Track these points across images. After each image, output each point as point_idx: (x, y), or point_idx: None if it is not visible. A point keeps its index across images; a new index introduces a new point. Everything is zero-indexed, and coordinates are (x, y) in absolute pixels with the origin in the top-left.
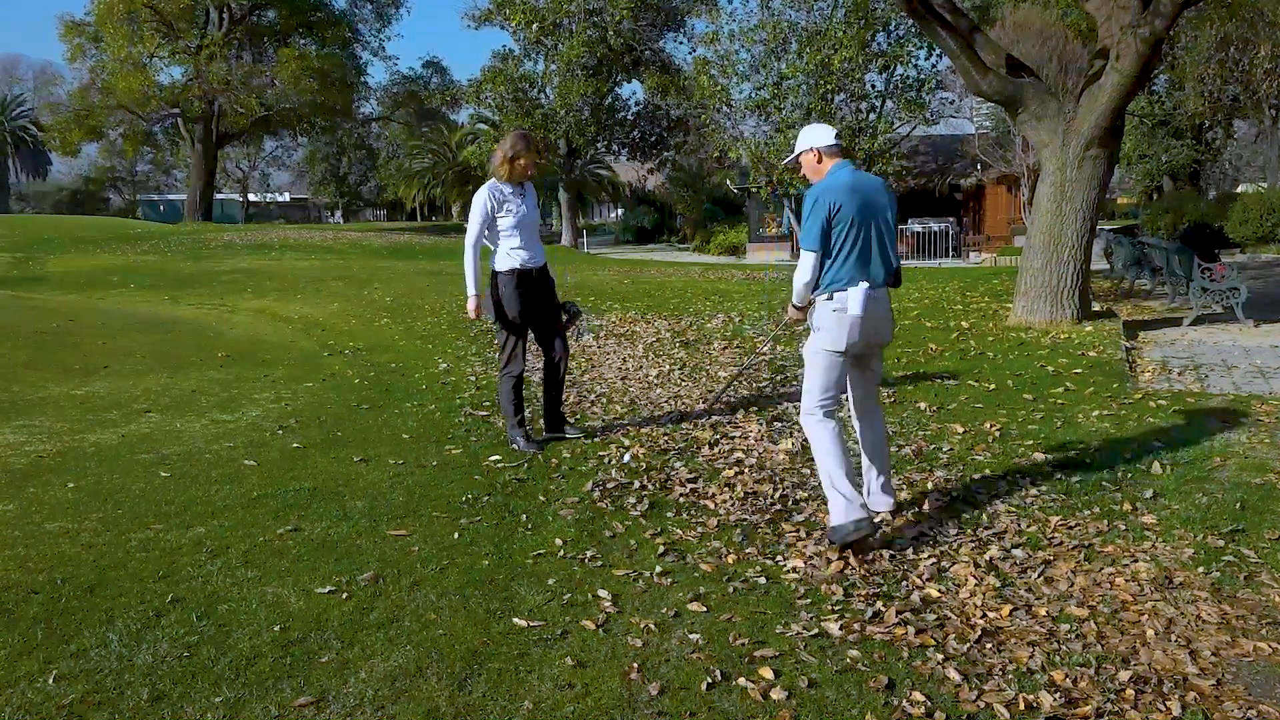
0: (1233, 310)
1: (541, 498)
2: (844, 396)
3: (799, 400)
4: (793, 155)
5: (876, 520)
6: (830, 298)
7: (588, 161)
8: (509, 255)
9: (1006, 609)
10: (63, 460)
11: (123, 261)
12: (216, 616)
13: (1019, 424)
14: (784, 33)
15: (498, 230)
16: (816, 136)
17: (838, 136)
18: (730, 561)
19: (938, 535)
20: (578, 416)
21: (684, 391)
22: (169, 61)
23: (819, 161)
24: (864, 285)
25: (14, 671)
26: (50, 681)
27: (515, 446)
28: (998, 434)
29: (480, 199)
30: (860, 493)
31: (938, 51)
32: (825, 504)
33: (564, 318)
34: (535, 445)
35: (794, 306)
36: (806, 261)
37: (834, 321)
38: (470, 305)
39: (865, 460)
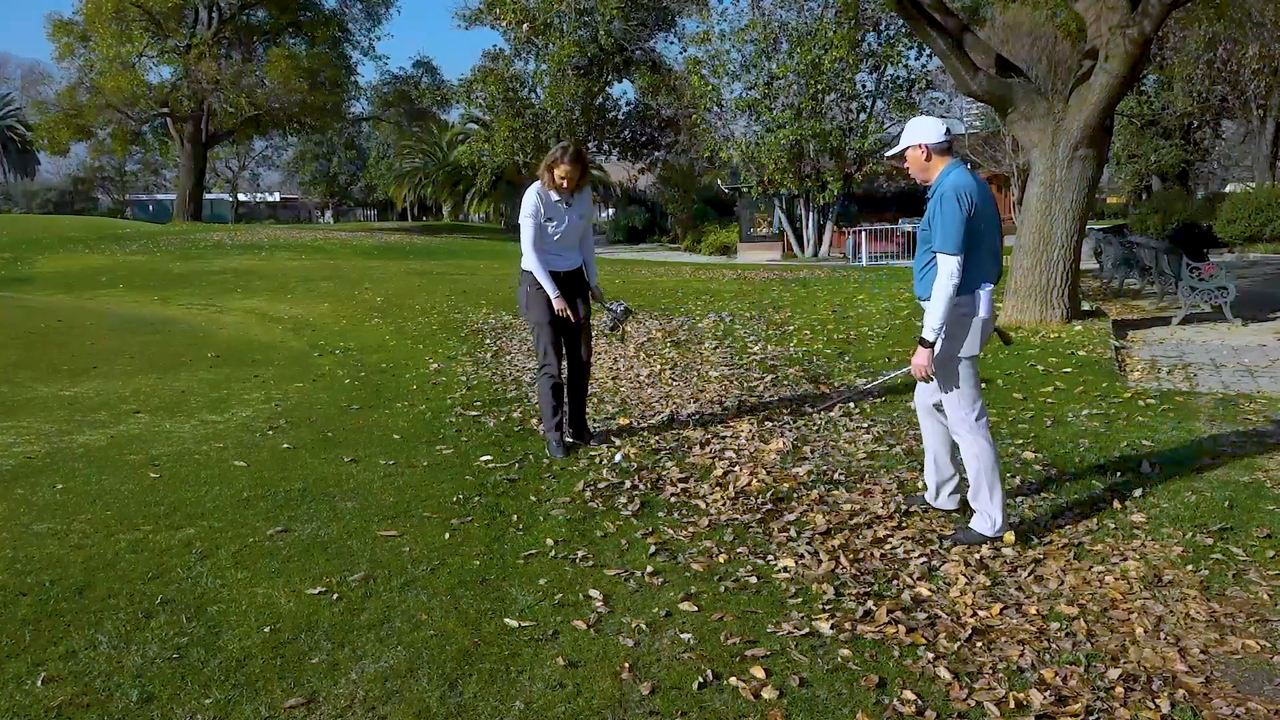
0: (1221, 309)
1: (533, 498)
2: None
3: (790, 400)
4: (898, 149)
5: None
6: (959, 303)
7: None
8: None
9: (997, 607)
10: (51, 461)
11: (112, 261)
12: (206, 618)
13: (1009, 423)
14: (775, 32)
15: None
16: (926, 131)
17: (948, 132)
18: (721, 561)
19: (928, 534)
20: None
21: (675, 391)
22: (158, 61)
23: (928, 159)
24: (989, 286)
25: (2, 673)
26: (39, 683)
27: (548, 450)
28: None
29: (528, 201)
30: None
31: (928, 51)
32: (816, 503)
33: (607, 318)
34: (564, 451)
35: (924, 341)
36: (951, 266)
37: (962, 327)
38: (557, 305)
39: (946, 459)
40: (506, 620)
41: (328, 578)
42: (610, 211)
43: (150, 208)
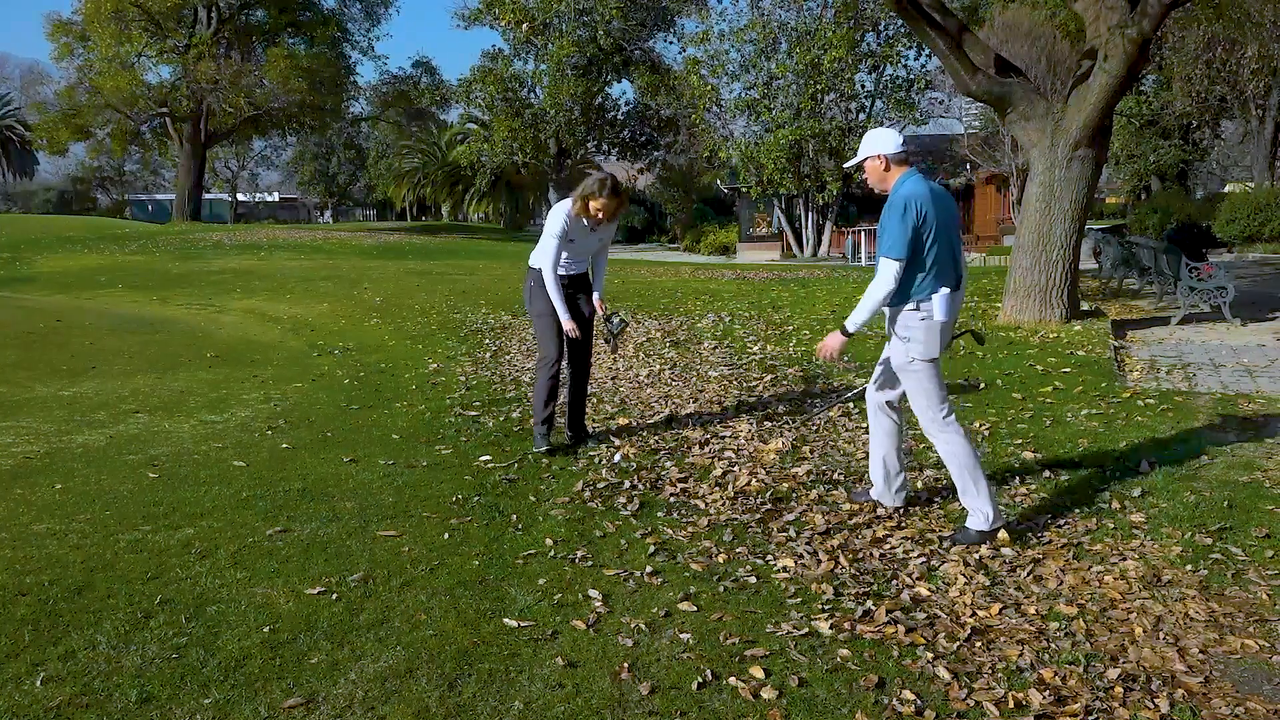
0: (1220, 309)
1: (532, 498)
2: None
3: (789, 399)
4: (856, 161)
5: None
6: (916, 307)
7: (578, 161)
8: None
9: (996, 607)
10: (50, 461)
11: (111, 261)
12: (205, 618)
13: (1008, 423)
14: (774, 32)
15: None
16: (883, 143)
17: (905, 143)
18: (721, 560)
19: (927, 534)
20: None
21: (674, 391)
22: (157, 61)
23: (886, 169)
24: (945, 291)
25: (2, 673)
26: (38, 683)
27: (534, 443)
28: (987, 433)
29: (556, 221)
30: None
31: (927, 51)
32: (815, 503)
33: (605, 327)
34: (549, 445)
35: (844, 330)
36: (889, 271)
37: (923, 330)
38: (567, 326)
39: (895, 457)
40: (505, 620)
41: (327, 578)
42: None
43: (149, 208)
